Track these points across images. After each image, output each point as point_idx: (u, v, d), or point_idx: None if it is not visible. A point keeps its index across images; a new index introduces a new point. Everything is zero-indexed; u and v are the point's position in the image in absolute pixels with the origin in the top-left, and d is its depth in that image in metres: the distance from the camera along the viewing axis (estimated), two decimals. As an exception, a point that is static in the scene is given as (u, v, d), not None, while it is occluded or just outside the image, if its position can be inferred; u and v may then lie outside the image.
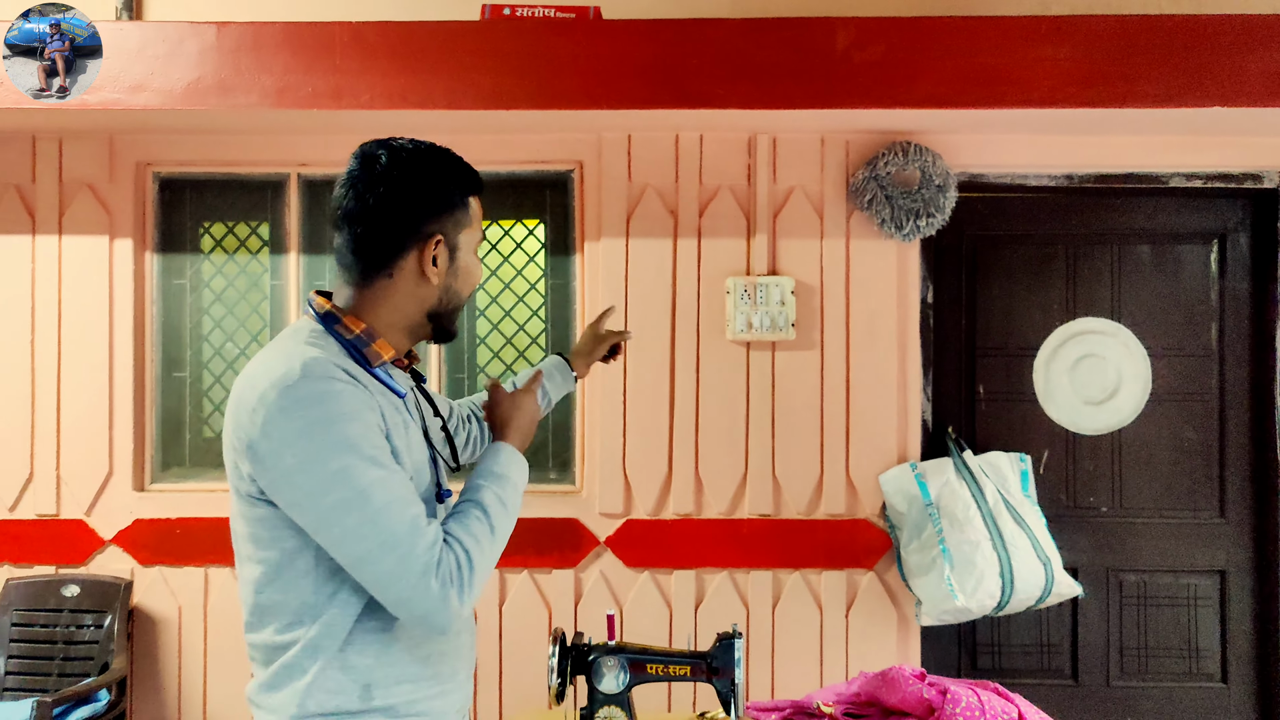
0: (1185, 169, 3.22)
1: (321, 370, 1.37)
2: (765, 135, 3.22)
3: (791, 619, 3.19)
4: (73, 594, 3.17)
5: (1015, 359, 3.31)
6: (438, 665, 1.53)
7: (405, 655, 1.48)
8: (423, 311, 1.54)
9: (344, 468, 1.35)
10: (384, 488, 1.37)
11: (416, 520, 1.38)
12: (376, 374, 1.49)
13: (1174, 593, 3.28)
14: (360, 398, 1.39)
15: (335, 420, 1.36)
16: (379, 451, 1.39)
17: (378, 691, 1.45)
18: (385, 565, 1.36)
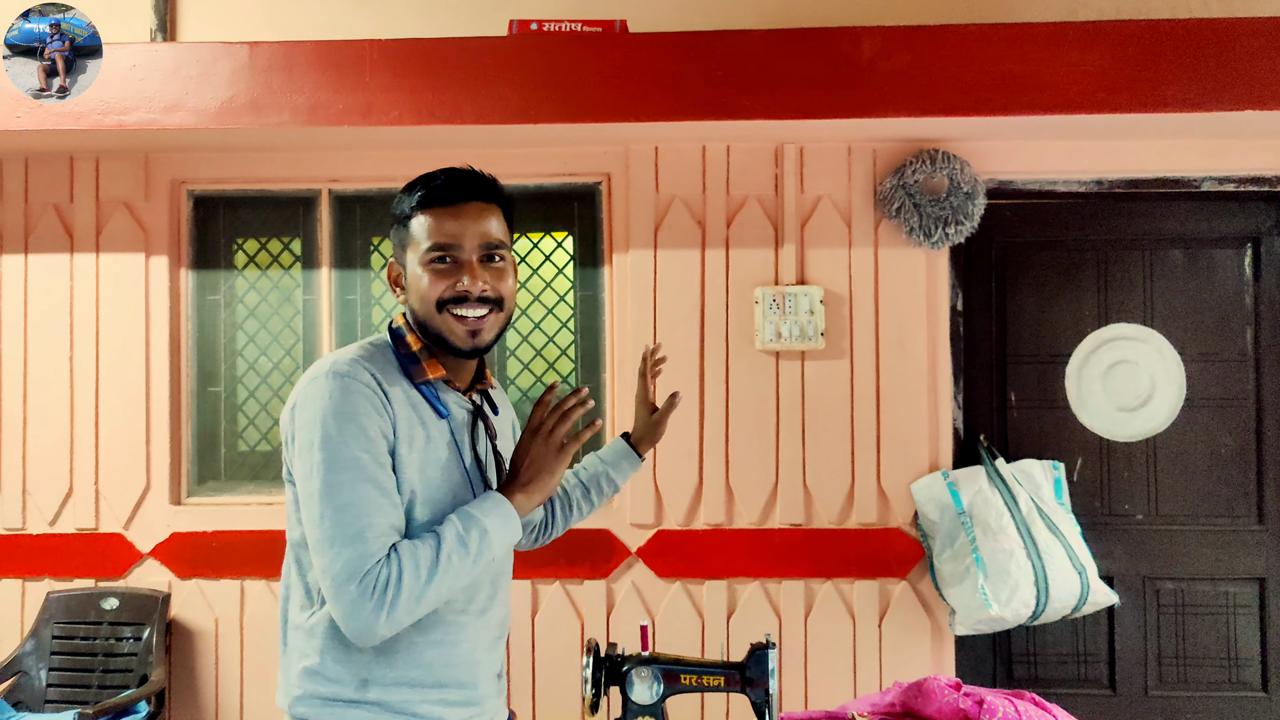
0: (1217, 172, 3.20)
1: (345, 370, 1.50)
2: (792, 145, 3.22)
3: (824, 629, 3.18)
4: (112, 606, 3.22)
5: (1047, 366, 3.29)
6: (443, 674, 1.57)
7: (405, 659, 1.54)
8: (421, 333, 1.61)
9: (326, 459, 1.45)
10: (352, 488, 1.44)
11: (369, 529, 1.42)
12: (423, 390, 1.58)
13: (1212, 601, 3.24)
14: (369, 402, 1.48)
15: (335, 415, 1.46)
16: (365, 454, 1.46)
17: (374, 688, 1.52)
18: (324, 559, 1.43)
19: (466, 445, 1.62)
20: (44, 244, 3.33)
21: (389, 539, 1.44)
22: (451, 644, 1.57)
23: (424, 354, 1.59)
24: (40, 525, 3.31)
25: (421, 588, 1.43)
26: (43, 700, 3.16)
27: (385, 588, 1.41)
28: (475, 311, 1.57)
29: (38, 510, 3.31)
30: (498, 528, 1.51)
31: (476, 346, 1.59)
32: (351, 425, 1.46)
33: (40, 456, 3.31)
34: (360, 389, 1.48)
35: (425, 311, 1.58)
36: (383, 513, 1.45)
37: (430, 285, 1.57)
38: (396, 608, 1.41)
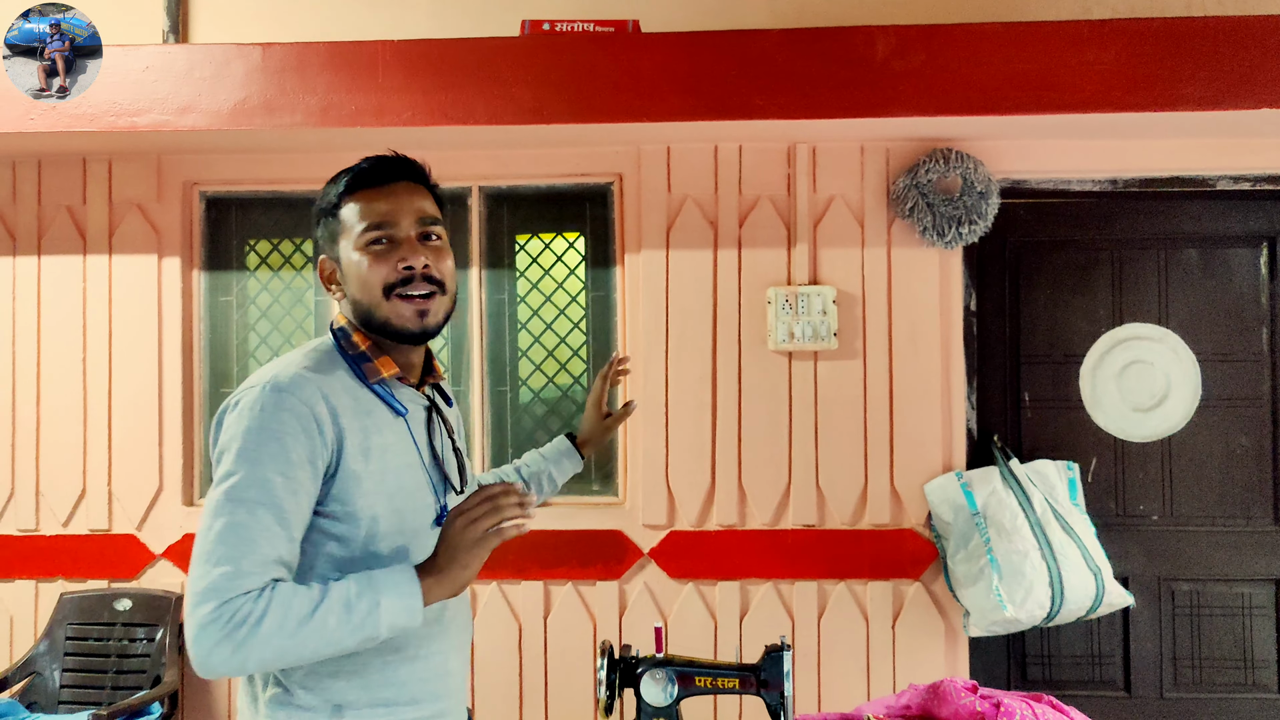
0: (1233, 171, 3.18)
1: (285, 384, 1.41)
2: (805, 145, 3.21)
3: (837, 630, 3.17)
4: (125, 608, 3.22)
5: (1061, 366, 3.27)
6: (416, 690, 1.51)
7: (379, 678, 1.47)
8: (359, 321, 1.55)
9: (237, 474, 1.37)
10: (250, 510, 1.35)
11: (249, 556, 1.33)
12: (376, 390, 1.52)
13: (1228, 602, 3.22)
14: (300, 422, 1.39)
15: (260, 431, 1.38)
16: (280, 477, 1.37)
17: (349, 713, 1.45)
18: (194, 571, 1.34)
19: (424, 443, 1.57)
20: (57, 245, 3.34)
21: (269, 573, 1.34)
22: (425, 658, 1.52)
23: (373, 351, 1.53)
24: (53, 526, 3.32)
25: (283, 640, 1.31)
26: (56, 701, 3.16)
27: (242, 623, 1.30)
28: (421, 290, 1.51)
29: (51, 511, 3.31)
30: (393, 608, 1.36)
31: (426, 328, 1.53)
32: (273, 445, 1.37)
33: (53, 458, 3.32)
34: (295, 407, 1.39)
35: (370, 299, 1.51)
36: (272, 543, 1.35)
37: (371, 269, 1.50)
38: (245, 649, 1.30)
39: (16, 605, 3.32)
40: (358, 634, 1.35)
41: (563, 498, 3.30)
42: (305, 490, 1.39)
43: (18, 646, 3.31)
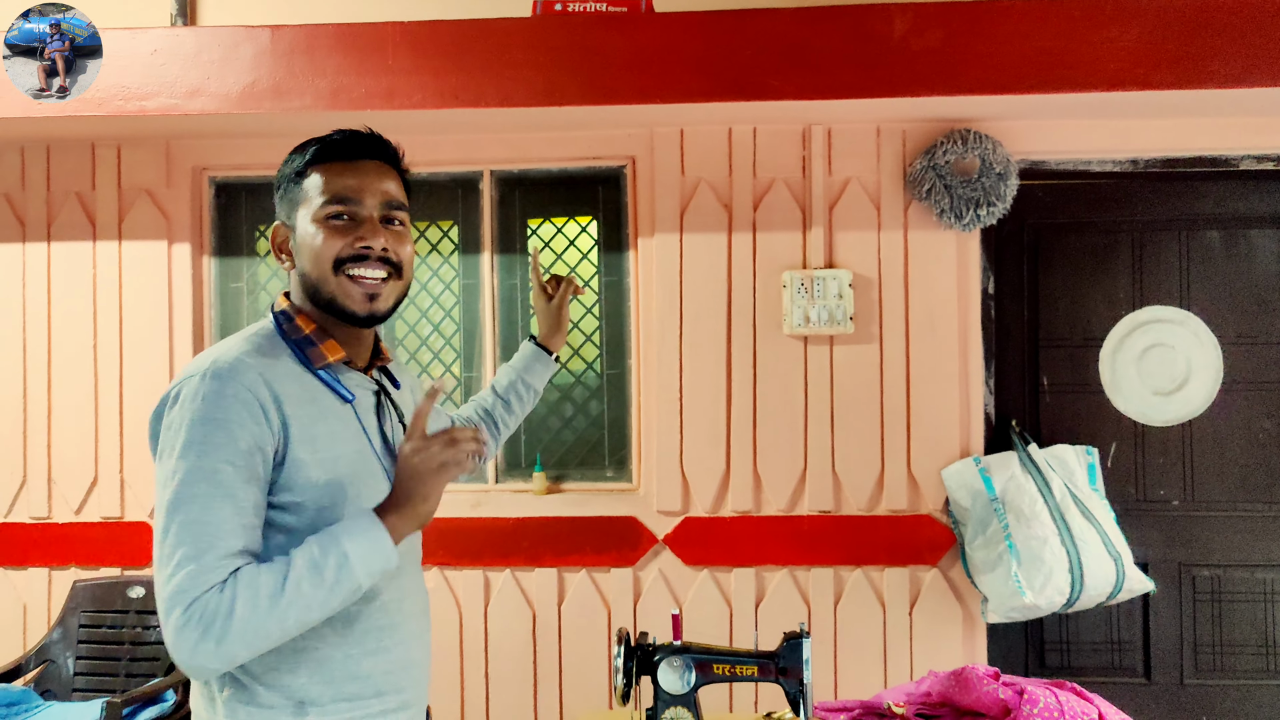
0: (1256, 150, 3.12)
1: (225, 370, 1.35)
2: (820, 126, 3.16)
3: (854, 617, 3.14)
4: (138, 595, 3.21)
5: (1080, 350, 3.23)
6: (381, 682, 1.46)
7: (342, 672, 1.42)
8: (308, 296, 1.48)
9: (186, 468, 1.31)
10: (204, 504, 1.30)
11: (210, 551, 1.28)
12: (321, 376, 1.45)
13: (1249, 588, 3.18)
14: (246, 409, 1.33)
15: (204, 421, 1.32)
16: (229, 465, 1.31)
17: (312, 710, 1.39)
18: (160, 576, 1.29)
19: (375, 429, 1.50)
20: (66, 232, 3.31)
21: (232, 564, 1.29)
22: (387, 650, 1.47)
23: (319, 335, 1.46)
24: (66, 514, 3.31)
25: (260, 620, 1.27)
26: (70, 689, 3.16)
27: (214, 619, 1.26)
28: (374, 272, 1.45)
29: (63, 499, 3.30)
30: (363, 554, 1.32)
31: (374, 313, 1.47)
32: (220, 433, 1.31)
33: (65, 445, 3.30)
34: (239, 392, 1.33)
35: (319, 273, 1.44)
36: (232, 534, 1.30)
37: (325, 243, 1.43)
38: (226, 641, 1.26)
39: (30, 593, 3.31)
40: (337, 590, 1.32)
41: (577, 484, 3.27)
42: (258, 477, 1.34)
43: (31, 634, 3.30)
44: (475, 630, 3.21)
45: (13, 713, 2.93)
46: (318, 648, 1.40)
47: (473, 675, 3.21)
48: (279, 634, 1.30)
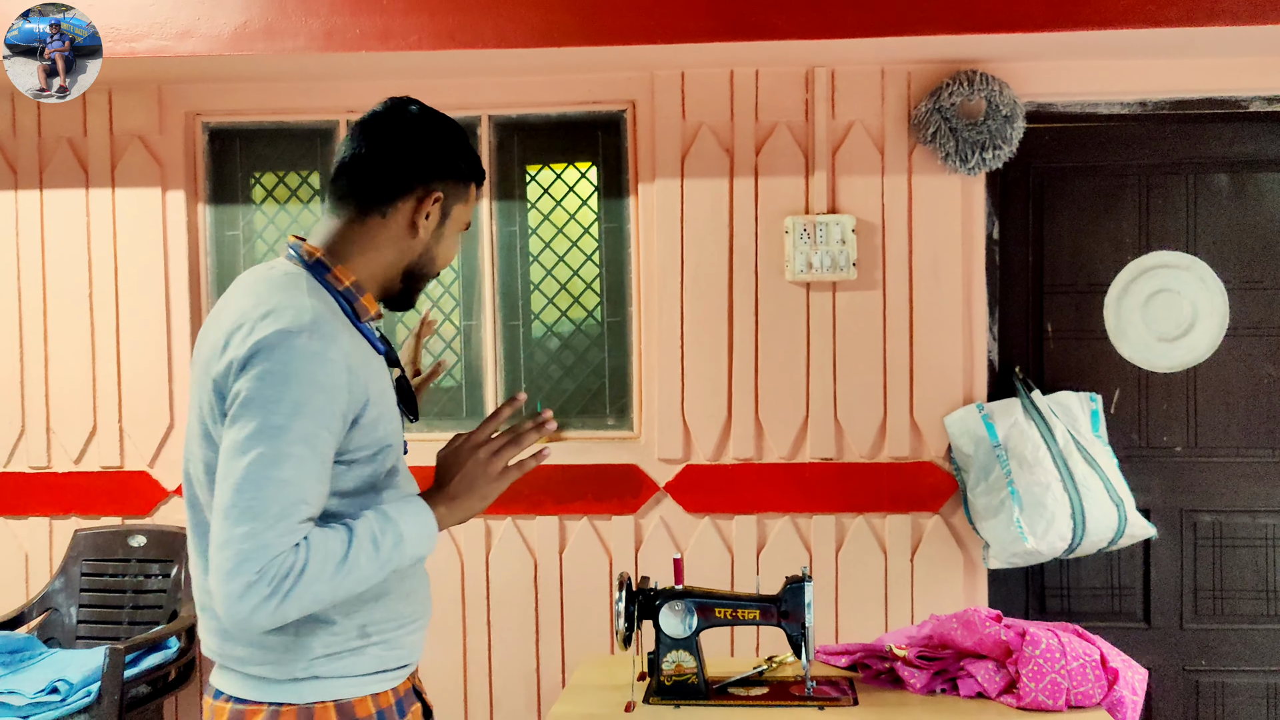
0: (1266, 91, 3.07)
1: (326, 333, 1.37)
2: (823, 69, 3.11)
3: (855, 563, 3.14)
4: (139, 544, 3.21)
5: (1085, 295, 3.20)
6: (418, 605, 1.58)
7: (397, 596, 1.52)
8: (402, 265, 1.54)
9: (288, 427, 1.32)
10: (297, 465, 1.33)
11: (293, 514, 1.32)
12: (363, 329, 1.50)
13: (1250, 533, 3.18)
14: (343, 376, 1.37)
15: (312, 385, 1.34)
16: (326, 431, 1.36)
17: (373, 632, 1.49)
18: (232, 529, 1.30)
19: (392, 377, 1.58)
20: (59, 179, 3.27)
21: (308, 528, 1.34)
22: (422, 576, 1.60)
23: (358, 289, 1.49)
24: (65, 464, 3.30)
25: (322, 586, 1.33)
26: (74, 636, 3.17)
27: (285, 579, 1.30)
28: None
29: (62, 448, 3.29)
30: (414, 538, 1.43)
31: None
32: (323, 397, 1.35)
33: (63, 394, 3.29)
34: (338, 357, 1.37)
35: (443, 259, 1.58)
36: (316, 498, 1.36)
37: (453, 251, 1.60)
38: (288, 601, 1.31)
39: (31, 542, 3.32)
40: (385, 568, 1.41)
41: (577, 432, 3.26)
42: (336, 444, 1.40)
43: (33, 583, 3.31)
44: (477, 578, 3.22)
45: (16, 660, 2.95)
46: (384, 580, 1.46)
47: (474, 623, 3.22)
48: (329, 600, 1.37)
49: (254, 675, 1.45)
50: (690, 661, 2.19)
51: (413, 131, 1.52)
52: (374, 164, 1.50)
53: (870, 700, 2.14)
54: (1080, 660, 2.04)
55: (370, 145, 1.51)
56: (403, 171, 1.50)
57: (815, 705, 2.10)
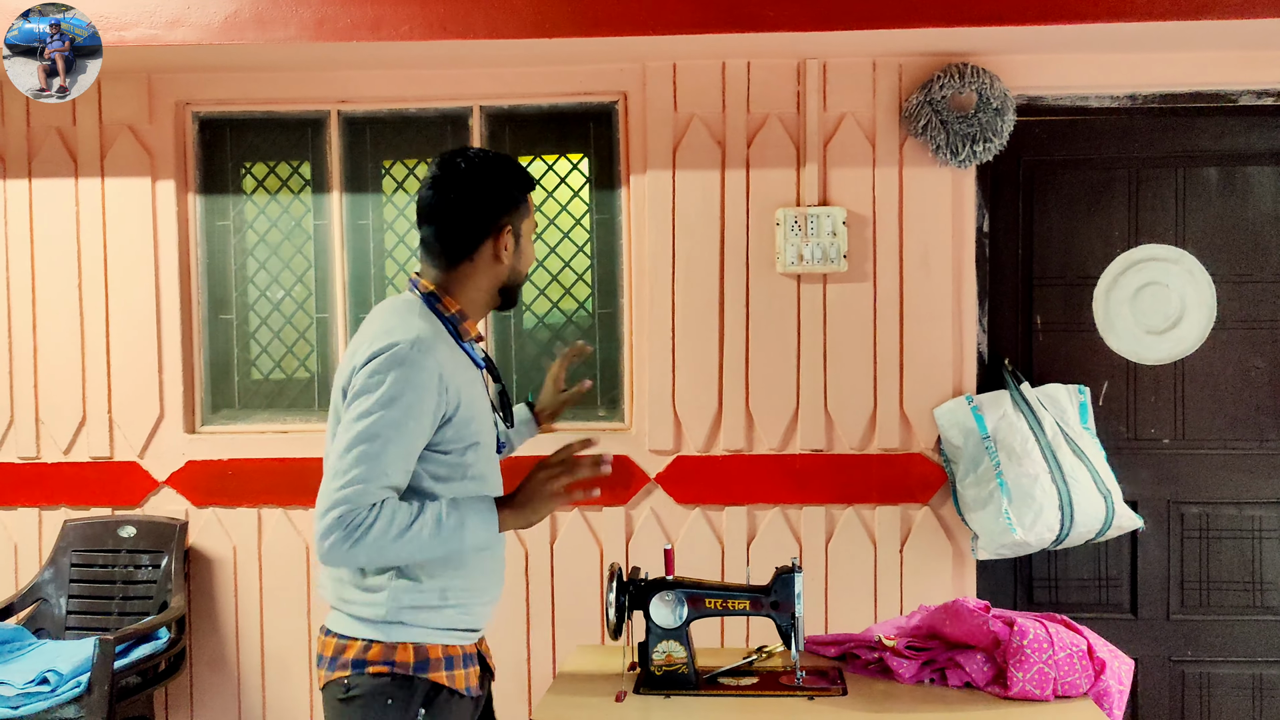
0: (1255, 85, 3.09)
1: (425, 346, 1.75)
2: (815, 61, 3.11)
3: (845, 555, 3.16)
4: (129, 535, 3.21)
5: (1074, 288, 3.22)
6: (491, 581, 1.93)
7: (474, 569, 1.87)
8: (496, 287, 1.92)
9: (386, 413, 1.71)
10: (385, 445, 1.71)
11: (378, 480, 1.70)
12: (464, 347, 1.88)
13: (1237, 525, 3.20)
14: (435, 384, 1.74)
15: (410, 385, 1.72)
16: (414, 424, 1.73)
17: (451, 596, 1.84)
18: (334, 480, 1.71)
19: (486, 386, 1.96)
20: (48, 168, 3.26)
21: (386, 494, 1.71)
22: (498, 557, 1.95)
23: (461, 316, 1.87)
24: (54, 454, 3.29)
25: (384, 544, 1.69)
26: (63, 627, 3.17)
27: (355, 529, 1.68)
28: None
29: (51, 439, 3.28)
30: (476, 526, 1.75)
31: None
32: (413, 395, 1.72)
33: (52, 385, 3.28)
34: (432, 367, 1.74)
35: (519, 278, 1.95)
36: (395, 474, 1.72)
37: (532, 256, 1.97)
38: (358, 548, 1.68)
39: (20, 533, 3.31)
40: (445, 545, 1.74)
41: (568, 423, 3.26)
42: (425, 435, 1.76)
43: (23, 574, 3.30)
44: (468, 568, 3.22)
45: (6, 650, 2.94)
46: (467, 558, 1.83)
47: (466, 613, 3.22)
48: (393, 559, 1.75)
49: (356, 616, 1.82)
50: (680, 651, 2.20)
51: (468, 190, 1.85)
52: (446, 231, 1.86)
53: (859, 690, 2.16)
54: (1067, 650, 2.05)
55: (437, 218, 1.86)
56: (472, 228, 1.85)
57: (805, 695, 2.11)
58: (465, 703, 1.89)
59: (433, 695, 1.84)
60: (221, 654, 3.29)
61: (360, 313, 3.34)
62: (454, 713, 1.87)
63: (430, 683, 1.83)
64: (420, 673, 1.82)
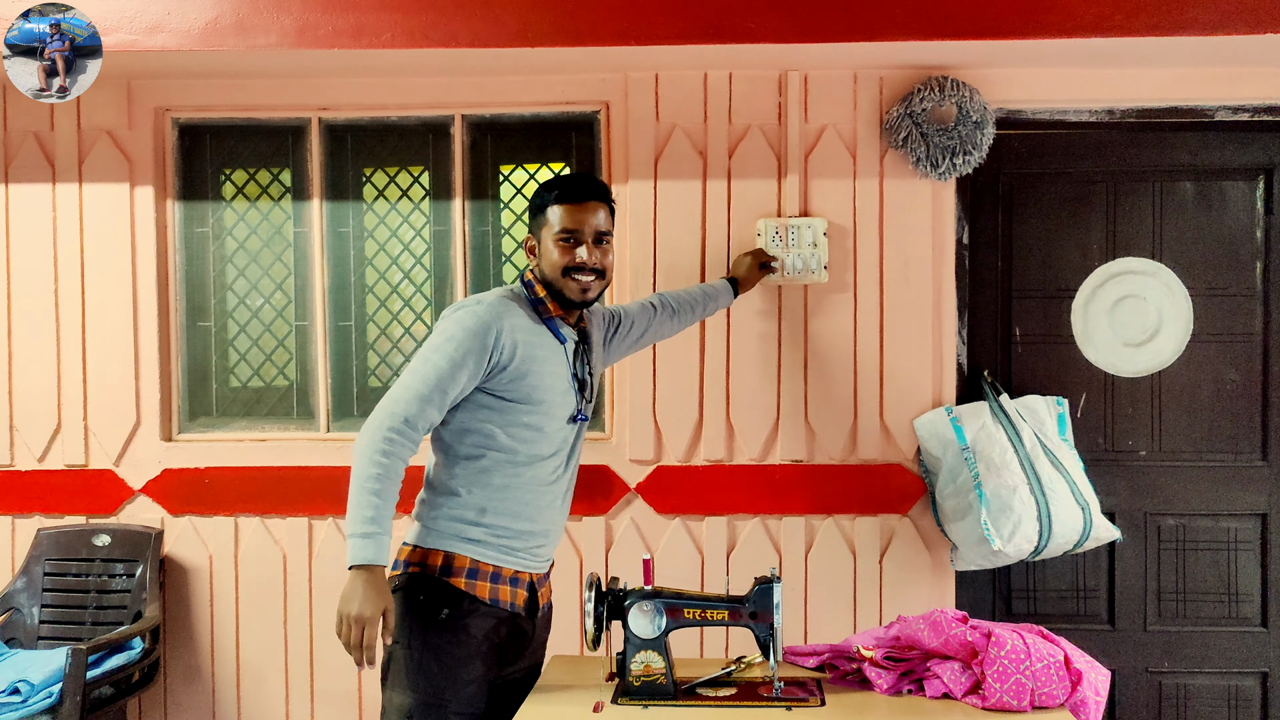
0: (1231, 101, 3.12)
1: (489, 305, 2.20)
2: (796, 72, 3.13)
3: (824, 565, 3.16)
4: (104, 543, 3.18)
5: (1053, 300, 3.24)
6: (531, 511, 2.24)
7: (511, 499, 2.21)
8: (543, 282, 2.30)
9: (438, 351, 2.14)
10: (435, 371, 2.11)
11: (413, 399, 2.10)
12: (548, 323, 2.27)
13: (1213, 536, 3.22)
14: (483, 339, 2.14)
15: (462, 330, 2.14)
16: (460, 357, 2.12)
17: (488, 516, 2.19)
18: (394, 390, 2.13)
19: (571, 362, 2.30)
20: (24, 174, 3.23)
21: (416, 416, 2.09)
22: (552, 493, 2.29)
23: (548, 300, 2.28)
24: (28, 462, 3.26)
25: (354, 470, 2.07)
26: (35, 637, 3.13)
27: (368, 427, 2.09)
28: (587, 278, 2.26)
29: (25, 446, 3.25)
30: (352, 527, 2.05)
31: (585, 300, 2.29)
32: (462, 343, 2.12)
33: (26, 391, 3.25)
34: (489, 326, 2.14)
35: (553, 274, 2.27)
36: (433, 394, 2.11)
37: (560, 256, 2.25)
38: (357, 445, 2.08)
39: (-7, 541, 3.27)
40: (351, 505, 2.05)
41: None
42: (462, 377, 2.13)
43: (-5, 583, 3.26)
44: (446, 578, 3.20)
45: (-23, 660, 2.91)
46: (507, 483, 2.21)
47: (444, 623, 3.20)
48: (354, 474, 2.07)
49: (416, 527, 2.24)
50: (659, 662, 2.20)
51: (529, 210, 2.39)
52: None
53: (837, 701, 2.15)
54: (1045, 661, 2.06)
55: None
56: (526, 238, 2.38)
57: (783, 705, 2.11)
58: (487, 613, 2.17)
59: (455, 599, 2.15)
60: (196, 664, 3.26)
61: (341, 320, 3.32)
62: (475, 618, 2.16)
63: (451, 587, 2.15)
64: (444, 576, 2.16)
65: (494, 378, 2.17)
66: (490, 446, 2.21)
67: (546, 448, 2.26)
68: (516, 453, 2.21)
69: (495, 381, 2.17)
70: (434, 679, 2.13)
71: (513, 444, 2.21)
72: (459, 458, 2.22)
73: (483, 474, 2.20)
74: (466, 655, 2.16)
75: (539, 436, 2.23)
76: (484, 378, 2.17)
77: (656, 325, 2.72)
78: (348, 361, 3.33)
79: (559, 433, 2.27)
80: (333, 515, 3.21)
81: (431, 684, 2.13)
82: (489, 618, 2.19)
